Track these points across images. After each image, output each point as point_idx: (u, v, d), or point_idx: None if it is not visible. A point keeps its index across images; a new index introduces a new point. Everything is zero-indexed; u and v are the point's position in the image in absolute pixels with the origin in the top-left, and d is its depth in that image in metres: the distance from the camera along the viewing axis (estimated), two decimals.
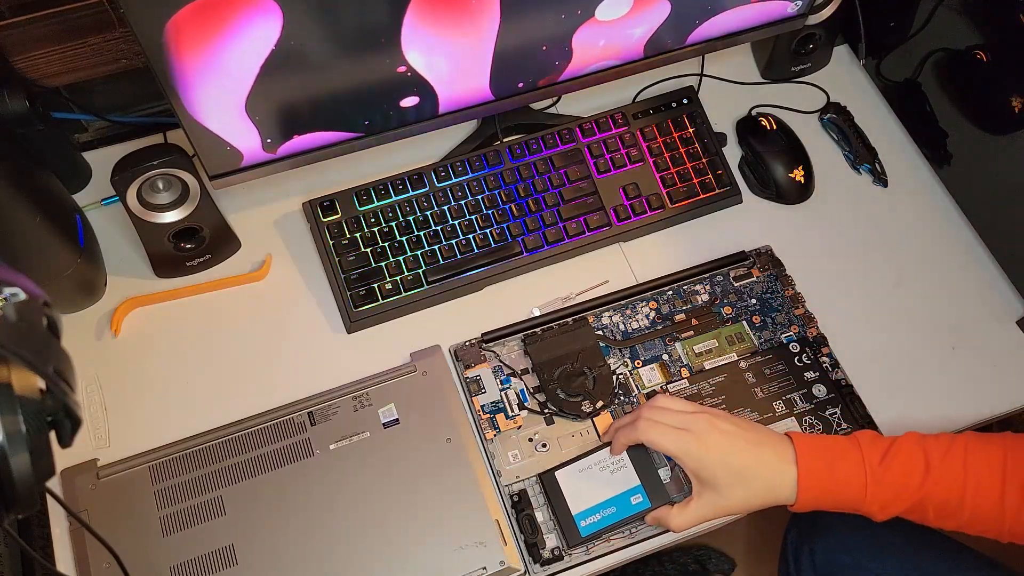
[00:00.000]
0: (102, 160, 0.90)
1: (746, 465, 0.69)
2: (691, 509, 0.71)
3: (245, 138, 0.76)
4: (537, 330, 0.82)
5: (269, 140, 0.78)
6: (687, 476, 0.75)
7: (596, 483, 0.75)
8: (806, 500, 0.69)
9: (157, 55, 0.65)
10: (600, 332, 0.83)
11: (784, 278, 0.87)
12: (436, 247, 0.85)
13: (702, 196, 0.91)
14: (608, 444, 0.77)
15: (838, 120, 0.97)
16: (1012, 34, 0.83)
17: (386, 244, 0.85)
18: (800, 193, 0.93)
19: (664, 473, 0.76)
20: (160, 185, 0.77)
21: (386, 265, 0.84)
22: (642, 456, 0.76)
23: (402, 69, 0.75)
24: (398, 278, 0.84)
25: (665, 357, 0.82)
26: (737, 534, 1.38)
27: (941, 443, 0.69)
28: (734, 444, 0.70)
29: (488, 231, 0.86)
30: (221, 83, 0.70)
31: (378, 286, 0.84)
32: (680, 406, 0.73)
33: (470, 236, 0.86)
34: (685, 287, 0.86)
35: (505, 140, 0.92)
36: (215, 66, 0.68)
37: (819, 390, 0.81)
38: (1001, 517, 0.67)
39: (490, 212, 0.87)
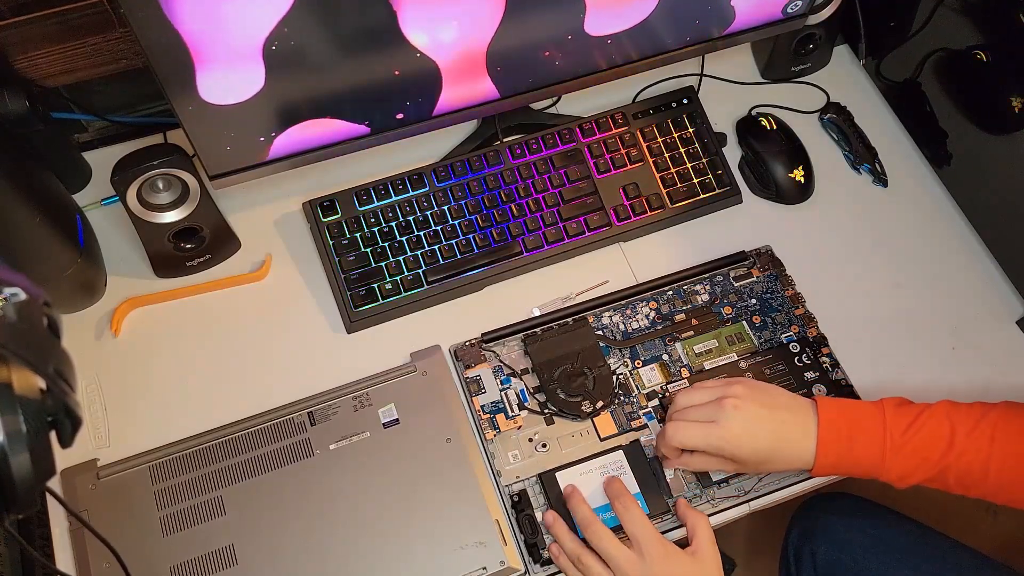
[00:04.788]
0: (102, 160, 0.90)
1: (771, 446, 0.70)
2: (714, 462, 0.73)
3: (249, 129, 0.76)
4: (537, 330, 0.82)
5: (270, 132, 0.78)
6: (687, 476, 0.76)
7: (596, 487, 0.75)
8: (823, 467, 0.70)
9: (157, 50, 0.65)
10: (600, 332, 0.83)
11: (784, 278, 0.87)
12: (436, 247, 0.85)
13: (702, 196, 0.91)
14: (608, 451, 0.77)
15: (838, 120, 0.97)
16: (1012, 34, 0.83)
17: (386, 244, 0.85)
18: (800, 193, 0.93)
19: (668, 473, 0.76)
20: (160, 185, 0.77)
21: (386, 265, 0.84)
22: (642, 464, 0.76)
23: (407, 48, 0.75)
24: (398, 278, 0.84)
25: (665, 357, 0.82)
26: (737, 534, 1.38)
27: (972, 414, 0.69)
28: (761, 428, 0.70)
29: (488, 231, 0.86)
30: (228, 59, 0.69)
31: (378, 286, 0.84)
32: (701, 397, 0.73)
33: (470, 236, 0.86)
34: (685, 287, 0.86)
35: (505, 140, 0.92)
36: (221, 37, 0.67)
37: (819, 390, 0.81)
38: None
39: (490, 212, 0.87)
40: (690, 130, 0.93)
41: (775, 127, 0.94)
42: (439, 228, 0.86)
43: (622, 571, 0.67)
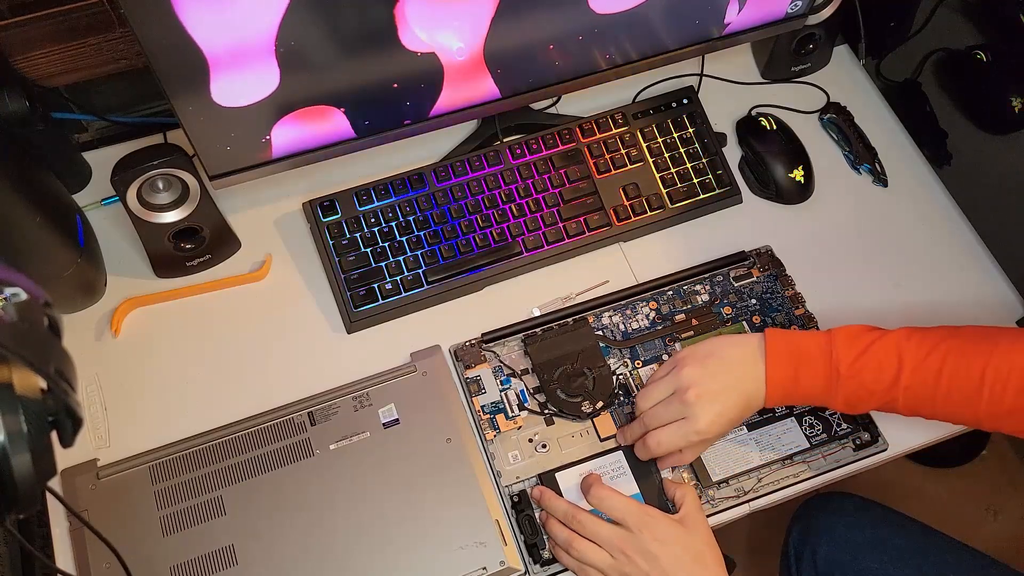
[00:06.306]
0: (102, 160, 0.90)
1: (740, 408, 0.72)
2: (698, 448, 0.75)
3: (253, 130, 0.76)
4: (537, 330, 0.82)
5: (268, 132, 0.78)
6: (686, 474, 0.75)
7: None
8: (772, 398, 0.72)
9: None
10: (600, 332, 0.83)
11: (784, 278, 0.87)
12: (436, 247, 0.85)
13: (702, 196, 0.91)
14: (608, 451, 0.77)
15: (838, 120, 0.97)
16: (1012, 34, 0.83)
17: (386, 244, 0.85)
18: (800, 193, 0.93)
19: (666, 474, 0.76)
20: (160, 185, 0.77)
21: (386, 265, 0.84)
22: (642, 464, 0.76)
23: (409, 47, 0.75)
24: (398, 278, 0.84)
25: (665, 357, 0.82)
26: (737, 534, 1.38)
27: (925, 344, 0.69)
28: (727, 401, 0.72)
29: (488, 231, 0.86)
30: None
31: (378, 286, 0.84)
32: (660, 393, 0.74)
33: (470, 236, 0.86)
34: (685, 287, 0.86)
35: (505, 140, 0.92)
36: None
37: None
38: (976, 405, 0.67)
39: (490, 212, 0.87)
40: (690, 130, 0.93)
41: (775, 127, 0.94)
42: (439, 228, 0.86)
43: (616, 548, 0.68)
